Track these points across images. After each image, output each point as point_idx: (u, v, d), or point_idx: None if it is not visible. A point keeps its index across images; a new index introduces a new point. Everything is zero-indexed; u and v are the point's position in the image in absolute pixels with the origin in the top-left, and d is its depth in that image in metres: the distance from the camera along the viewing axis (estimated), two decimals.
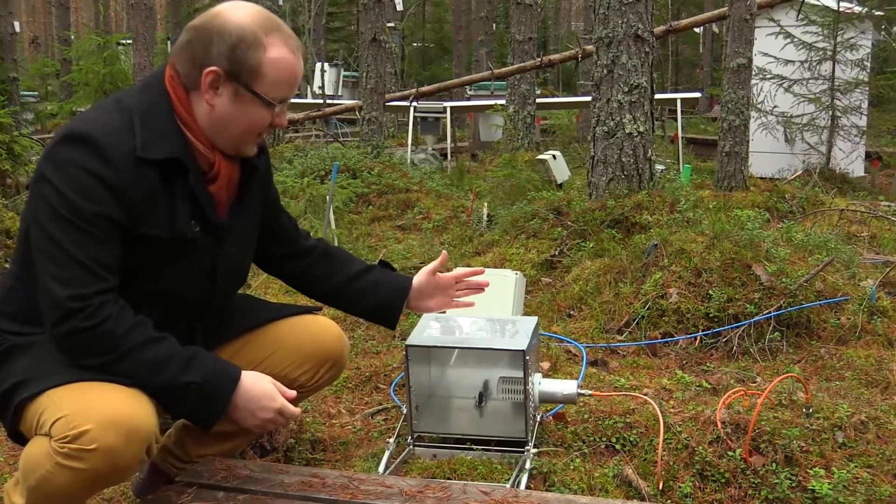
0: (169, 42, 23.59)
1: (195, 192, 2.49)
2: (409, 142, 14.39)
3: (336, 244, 7.07)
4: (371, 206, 9.55)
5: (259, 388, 2.50)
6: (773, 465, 3.28)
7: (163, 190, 2.43)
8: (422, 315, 3.80)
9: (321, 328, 2.96)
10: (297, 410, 2.57)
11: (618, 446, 3.55)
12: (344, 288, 2.98)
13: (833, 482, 3.18)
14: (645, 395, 3.94)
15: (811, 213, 8.29)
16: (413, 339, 3.53)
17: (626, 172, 6.87)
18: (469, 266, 6.36)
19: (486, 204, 8.63)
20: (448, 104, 16.04)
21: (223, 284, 2.70)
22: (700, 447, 3.37)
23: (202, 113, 2.49)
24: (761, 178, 11.03)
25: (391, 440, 3.55)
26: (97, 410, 2.24)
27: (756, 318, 4.94)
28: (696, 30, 26.59)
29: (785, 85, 12.38)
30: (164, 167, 2.42)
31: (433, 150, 15.08)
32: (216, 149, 2.53)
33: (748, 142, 9.65)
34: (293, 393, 2.57)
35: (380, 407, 4.17)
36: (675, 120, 13.92)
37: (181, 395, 2.39)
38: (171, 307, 2.56)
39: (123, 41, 16.93)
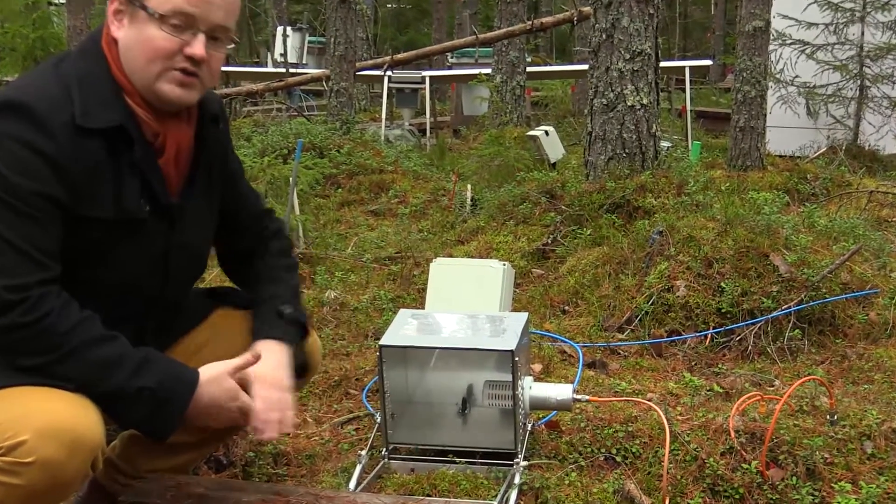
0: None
1: (142, 166, 2.47)
2: (383, 116, 14.37)
3: (301, 232, 7.07)
4: (340, 189, 9.53)
5: (221, 387, 2.51)
6: (794, 479, 3.30)
7: (108, 164, 2.41)
8: (398, 312, 3.81)
9: None
10: (287, 416, 2.59)
11: (618, 458, 3.56)
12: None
13: (861, 498, 3.20)
14: (649, 400, 3.96)
15: (836, 195, 8.34)
16: (388, 338, 3.53)
17: (627, 150, 6.89)
18: (451, 256, 6.37)
19: (469, 186, 8.62)
20: (427, 73, 16.03)
21: (178, 274, 2.68)
22: (711, 459, 3.39)
23: (118, 56, 2.48)
24: (780, 157, 11.09)
25: (363, 452, 3.55)
26: (35, 418, 2.22)
27: (774, 314, 4.97)
28: None
29: (807, 51, 12.43)
30: (107, 138, 2.40)
31: (410, 125, 15.07)
32: (160, 117, 2.51)
33: (765, 115, 9.69)
34: (253, 354, 2.59)
35: (350, 415, 4.17)
36: (683, 91, 13.97)
37: (132, 401, 2.38)
38: (119, 301, 2.54)
39: (56, 1, 16.83)
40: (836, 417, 3.70)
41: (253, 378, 2.58)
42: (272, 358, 2.66)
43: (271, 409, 2.58)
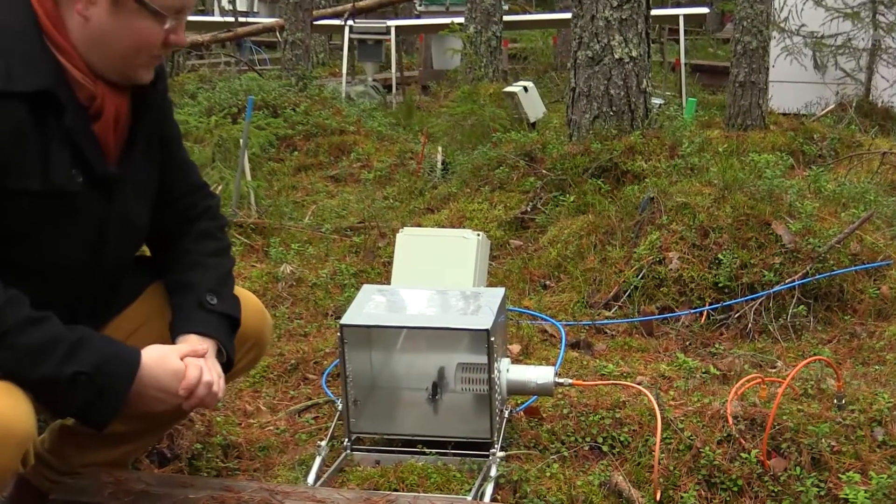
0: None
1: (74, 133, 2.45)
2: (344, 71, 14.32)
3: (253, 200, 7.04)
4: (297, 152, 9.49)
5: (167, 369, 2.50)
6: (797, 469, 3.32)
7: (34, 131, 2.38)
8: (361, 287, 3.81)
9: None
10: (220, 387, 2.59)
11: (605, 448, 3.58)
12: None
13: (871, 489, 3.22)
14: (639, 384, 3.98)
15: (846, 157, 8.37)
16: (350, 317, 3.52)
17: (614, 108, 6.89)
18: (420, 226, 6.37)
19: (440, 148, 8.61)
20: (392, 23, 15.96)
21: (115, 250, 2.66)
22: (707, 448, 3.41)
23: (75, 29, 2.45)
24: (784, 115, 11.12)
25: (323, 443, 3.55)
26: None
27: (776, 289, 5.00)
28: None
29: None
30: (33, 102, 2.38)
31: (374, 81, 15.02)
32: (98, 77, 2.50)
33: (768, 69, 9.71)
34: (203, 347, 2.59)
35: (309, 402, 4.17)
36: (677, 42, 13.97)
37: (67, 388, 2.36)
38: (50, 280, 2.52)
39: None
40: (843, 402, 3.73)
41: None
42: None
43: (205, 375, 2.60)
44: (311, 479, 3.39)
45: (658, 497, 3.28)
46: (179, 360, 2.53)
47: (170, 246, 2.87)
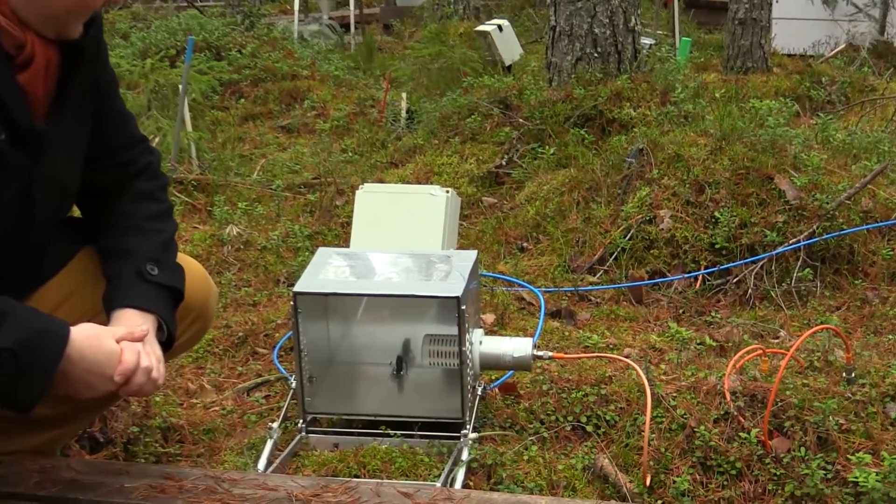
0: None
1: None
2: (296, 8, 14.23)
3: (194, 153, 7.01)
4: (243, 100, 9.44)
5: (101, 349, 2.49)
6: (802, 450, 3.35)
7: None
8: (316, 251, 3.80)
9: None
10: (160, 373, 2.59)
11: (589, 428, 3.60)
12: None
13: (883, 472, 3.23)
14: (626, 356, 3.99)
15: (857, 103, 8.39)
16: (304, 283, 3.52)
17: (599, 49, 6.88)
18: (382, 182, 6.36)
19: (405, 95, 8.58)
20: None
21: (43, 213, 2.64)
22: (702, 427, 3.43)
23: None
24: (788, 56, 11.13)
25: (275, 425, 3.55)
26: None
27: (779, 250, 5.02)
28: None
29: None
30: None
31: (330, 19, 14.94)
32: (26, 25, 2.48)
33: (771, 4, 9.71)
34: (142, 329, 2.57)
35: (259, 380, 4.18)
36: None
37: None
38: None
39: None
40: (853, 375, 3.75)
41: None
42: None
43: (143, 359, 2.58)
44: (261, 464, 3.40)
45: (648, 482, 3.30)
46: (114, 343, 2.52)
47: (104, 207, 2.85)
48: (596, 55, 6.87)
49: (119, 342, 2.52)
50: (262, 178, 6.98)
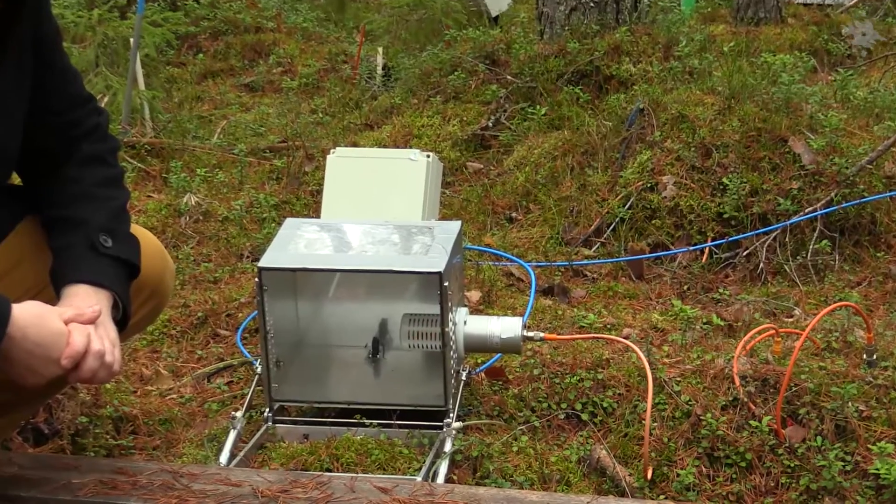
0: None
1: None
2: None
3: (148, 114, 6.98)
4: (202, 55, 9.40)
5: (48, 329, 2.48)
6: (818, 439, 3.35)
7: None
8: (283, 222, 3.79)
9: None
10: (116, 357, 2.58)
11: (585, 416, 3.61)
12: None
13: None
14: (626, 337, 4.00)
15: (880, 57, 8.38)
16: (270, 258, 3.51)
17: None
18: (356, 146, 6.34)
19: (380, 50, 8.55)
20: None
21: None
22: (709, 415, 3.44)
23: None
24: (804, 5, 11.11)
25: (238, 414, 3.55)
26: None
27: (794, 220, 5.03)
28: None
29: None
30: None
31: None
32: None
33: None
34: (94, 309, 2.56)
35: (220, 364, 4.17)
36: None
37: None
38: None
39: None
40: (875, 357, 3.77)
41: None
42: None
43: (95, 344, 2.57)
44: (223, 457, 3.40)
45: (649, 475, 3.31)
46: (61, 323, 2.51)
47: (48, 173, 2.82)
48: (592, 5, 6.86)
49: (67, 323, 2.51)
50: (222, 142, 6.96)
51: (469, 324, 3.58)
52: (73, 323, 2.52)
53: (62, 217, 2.74)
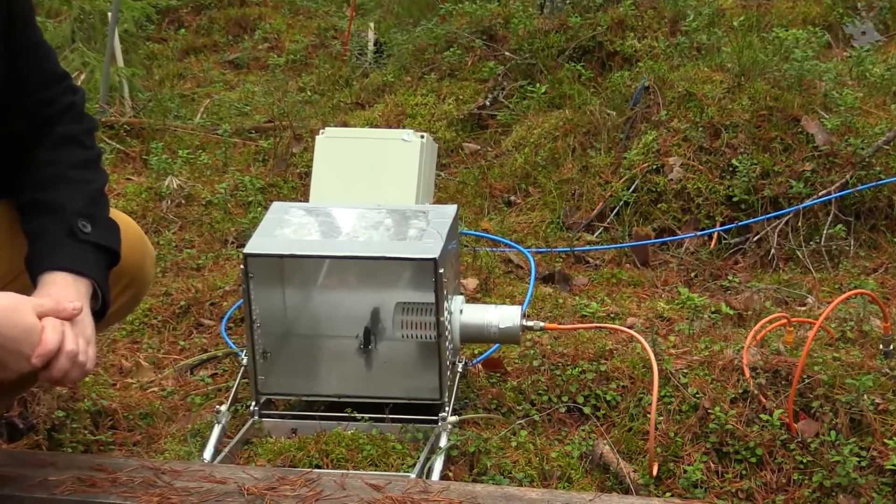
0: None
1: None
2: None
3: (127, 93, 6.97)
4: (184, 30, 9.39)
5: (17, 322, 2.48)
6: (832, 433, 3.36)
7: None
8: (270, 206, 3.79)
9: None
10: (90, 356, 2.58)
11: (587, 409, 3.61)
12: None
13: None
14: (630, 327, 4.00)
15: None
16: (256, 244, 3.51)
17: None
18: (346, 126, 6.34)
19: (372, 25, 8.55)
20: None
21: None
22: (717, 408, 3.44)
23: None
24: None
25: (223, 408, 3.55)
26: None
27: (807, 203, 5.02)
28: None
29: None
30: None
31: None
32: None
33: None
34: (74, 306, 2.55)
35: (204, 356, 4.17)
36: None
37: None
38: None
39: None
40: (892, 347, 3.77)
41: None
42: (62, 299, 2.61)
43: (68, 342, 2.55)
44: (207, 453, 3.40)
45: (655, 471, 3.31)
46: (34, 317, 2.50)
47: (21, 155, 2.81)
48: None
49: (42, 318, 2.50)
50: (206, 122, 6.96)
51: (465, 313, 3.58)
52: (48, 318, 2.51)
53: (37, 201, 2.72)
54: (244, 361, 3.60)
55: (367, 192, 4.34)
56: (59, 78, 2.89)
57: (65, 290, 2.58)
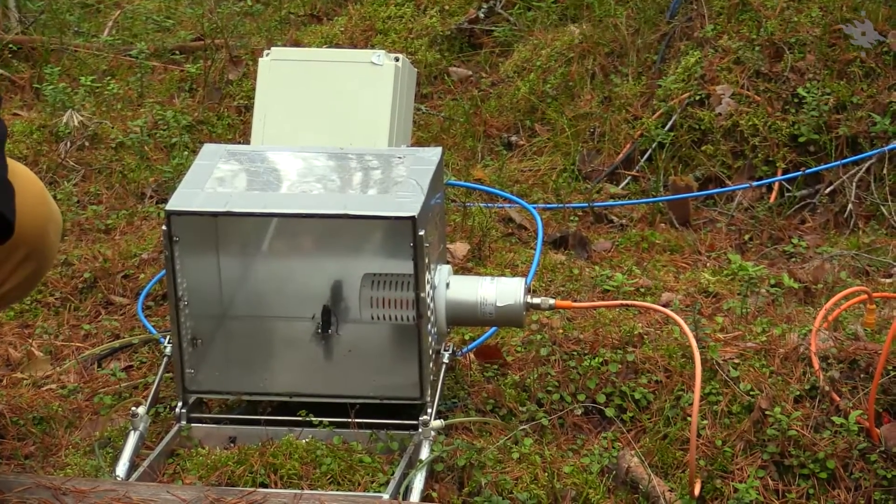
0: None
1: None
2: None
3: (12, 2, 6.96)
4: None
5: None
6: None
7: None
8: (200, 148, 3.80)
9: None
10: None
11: (609, 411, 3.64)
12: None
13: None
14: (665, 305, 4.03)
15: None
16: (182, 199, 3.51)
17: None
18: (298, 45, 6.35)
19: None
20: None
21: None
22: (777, 410, 3.47)
23: None
24: None
25: (141, 410, 3.58)
26: None
27: (894, 145, 5.05)
28: None
29: None
30: None
31: None
32: None
33: None
34: None
35: (116, 343, 4.20)
36: None
37: None
38: None
39: None
40: None
41: None
42: None
43: None
44: (121, 469, 3.42)
45: (697, 490, 3.34)
46: None
47: None
48: None
49: None
50: (115, 40, 6.95)
51: (453, 287, 3.60)
52: None
53: None
54: (167, 351, 3.62)
55: (325, 132, 4.36)
56: None
57: None
